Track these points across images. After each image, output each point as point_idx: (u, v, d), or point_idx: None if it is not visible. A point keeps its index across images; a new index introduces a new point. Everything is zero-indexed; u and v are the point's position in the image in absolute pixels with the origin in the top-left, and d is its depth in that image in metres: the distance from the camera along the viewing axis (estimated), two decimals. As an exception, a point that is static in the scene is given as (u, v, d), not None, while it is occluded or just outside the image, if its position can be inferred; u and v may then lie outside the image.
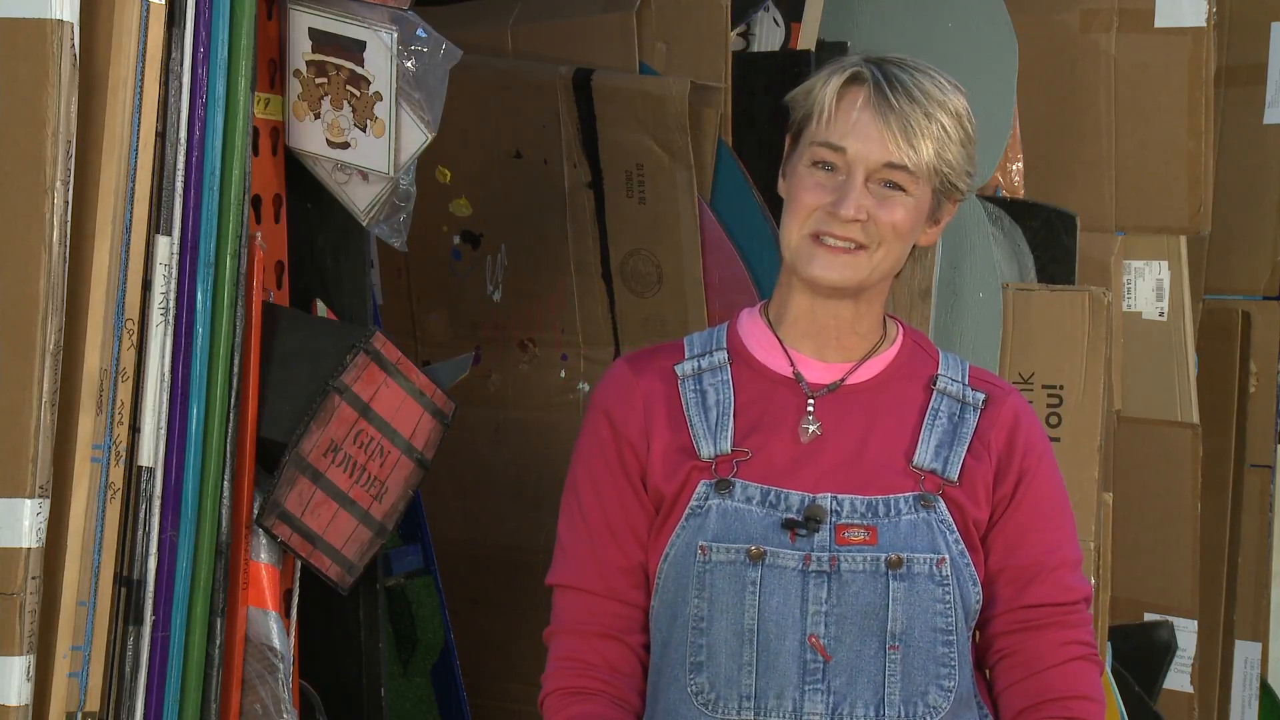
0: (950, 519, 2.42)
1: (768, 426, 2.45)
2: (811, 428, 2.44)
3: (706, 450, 2.44)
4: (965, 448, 2.45)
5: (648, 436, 2.47)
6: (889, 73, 2.43)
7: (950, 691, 2.40)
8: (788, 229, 2.44)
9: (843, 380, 2.47)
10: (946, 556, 2.40)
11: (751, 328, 2.52)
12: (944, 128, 2.43)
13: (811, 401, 2.46)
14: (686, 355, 2.51)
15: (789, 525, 2.39)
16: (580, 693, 2.46)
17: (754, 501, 2.41)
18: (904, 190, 2.42)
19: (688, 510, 2.43)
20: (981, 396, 2.49)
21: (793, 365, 2.48)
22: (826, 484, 2.41)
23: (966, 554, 2.43)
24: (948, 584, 2.40)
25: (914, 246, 2.48)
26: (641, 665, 2.48)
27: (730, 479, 2.42)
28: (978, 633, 2.50)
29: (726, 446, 2.44)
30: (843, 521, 2.40)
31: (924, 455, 2.44)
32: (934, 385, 2.49)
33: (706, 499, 2.42)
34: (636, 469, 2.47)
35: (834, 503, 2.40)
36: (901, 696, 2.39)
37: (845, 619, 2.39)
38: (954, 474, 2.44)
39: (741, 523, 2.40)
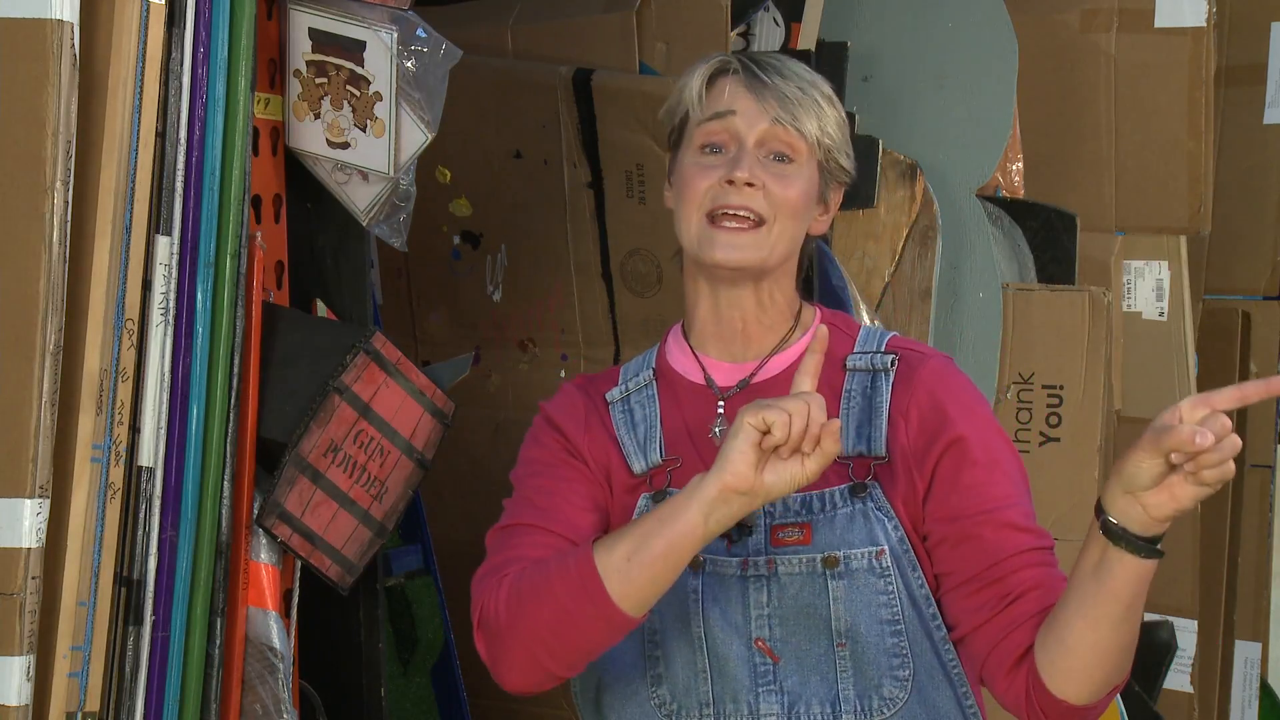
0: (887, 504, 2.37)
1: (691, 435, 2.44)
2: (719, 429, 2.42)
3: (639, 465, 2.43)
4: (884, 418, 2.39)
5: (588, 445, 2.45)
6: (755, 58, 2.44)
7: (906, 681, 2.37)
8: (685, 220, 2.41)
9: (750, 378, 2.44)
10: (885, 547, 2.36)
11: (674, 342, 2.51)
12: (818, 101, 2.42)
13: (721, 404, 2.44)
14: (620, 381, 2.51)
15: (722, 533, 2.34)
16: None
17: None
18: (793, 162, 2.40)
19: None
20: (890, 358, 2.42)
21: (704, 370, 2.46)
22: None
23: (906, 539, 2.37)
24: (889, 574, 2.36)
25: (807, 237, 2.45)
26: None
27: (666, 489, 2.40)
28: (945, 601, 2.39)
29: (657, 458, 2.43)
30: (778, 522, 2.37)
31: (847, 441, 2.38)
32: (845, 365, 2.43)
33: (647, 510, 2.39)
34: (580, 459, 2.45)
35: (767, 504, 2.34)
36: (856, 691, 2.37)
37: (789, 620, 2.36)
38: (880, 449, 2.39)
39: None
